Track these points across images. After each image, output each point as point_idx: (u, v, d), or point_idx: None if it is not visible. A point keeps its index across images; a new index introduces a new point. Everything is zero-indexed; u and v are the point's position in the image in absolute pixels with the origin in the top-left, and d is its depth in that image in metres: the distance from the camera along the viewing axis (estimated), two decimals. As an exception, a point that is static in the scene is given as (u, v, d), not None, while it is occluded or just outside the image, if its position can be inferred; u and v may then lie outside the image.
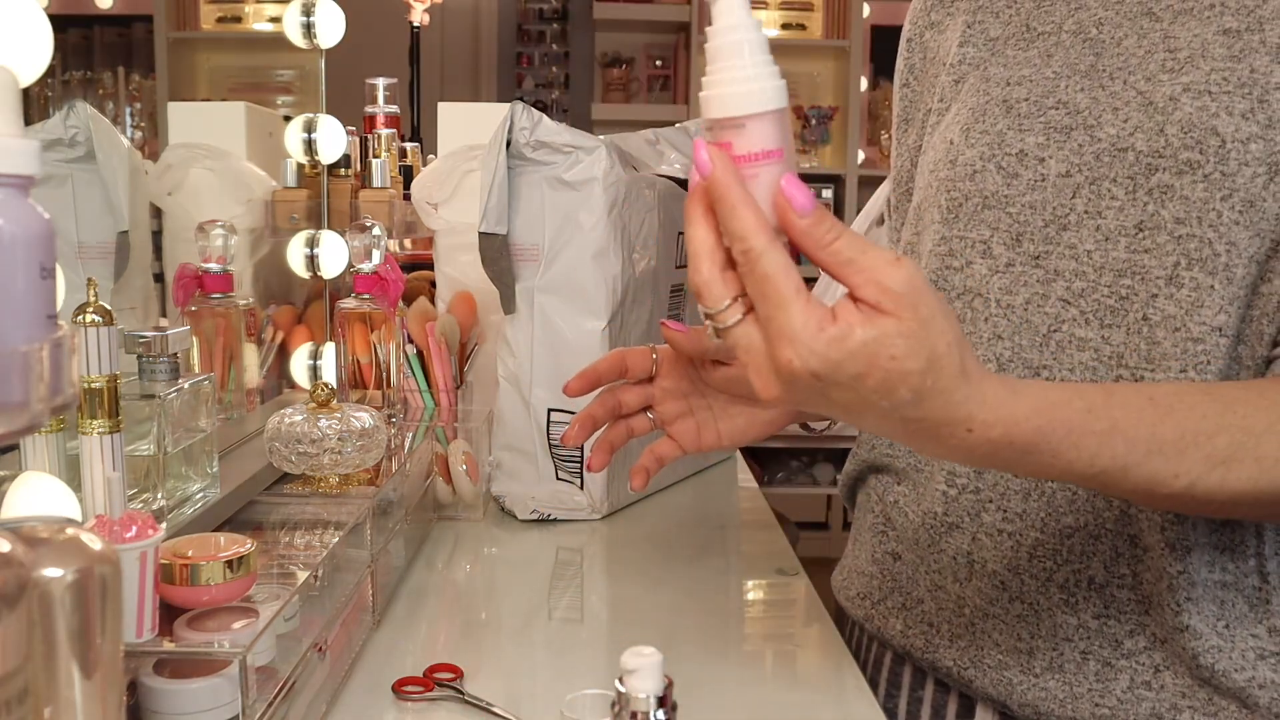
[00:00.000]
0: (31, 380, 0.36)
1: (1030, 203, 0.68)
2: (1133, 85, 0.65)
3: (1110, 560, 0.65)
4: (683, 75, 3.90)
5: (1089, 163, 0.65)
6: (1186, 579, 0.63)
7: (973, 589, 0.70)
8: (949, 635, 0.73)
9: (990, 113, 0.71)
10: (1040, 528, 0.67)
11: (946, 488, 0.71)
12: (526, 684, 0.76)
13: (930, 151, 0.77)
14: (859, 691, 0.75)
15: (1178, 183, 0.62)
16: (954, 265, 0.71)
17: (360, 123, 1.52)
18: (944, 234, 0.72)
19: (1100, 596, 0.66)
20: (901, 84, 0.85)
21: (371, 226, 1.07)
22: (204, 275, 1.01)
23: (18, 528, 0.39)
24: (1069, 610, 0.67)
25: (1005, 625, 0.69)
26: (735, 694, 0.74)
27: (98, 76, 1.13)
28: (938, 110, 0.78)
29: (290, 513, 0.83)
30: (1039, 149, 0.68)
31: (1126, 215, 0.64)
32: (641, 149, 1.17)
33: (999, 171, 0.69)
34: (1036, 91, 0.69)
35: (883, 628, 0.79)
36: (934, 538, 0.72)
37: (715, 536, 1.10)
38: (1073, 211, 0.66)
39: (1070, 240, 0.66)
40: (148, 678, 0.56)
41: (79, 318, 0.59)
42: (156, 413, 0.73)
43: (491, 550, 1.05)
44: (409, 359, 1.17)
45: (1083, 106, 0.67)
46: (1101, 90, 0.67)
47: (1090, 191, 0.65)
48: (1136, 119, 0.64)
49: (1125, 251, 0.64)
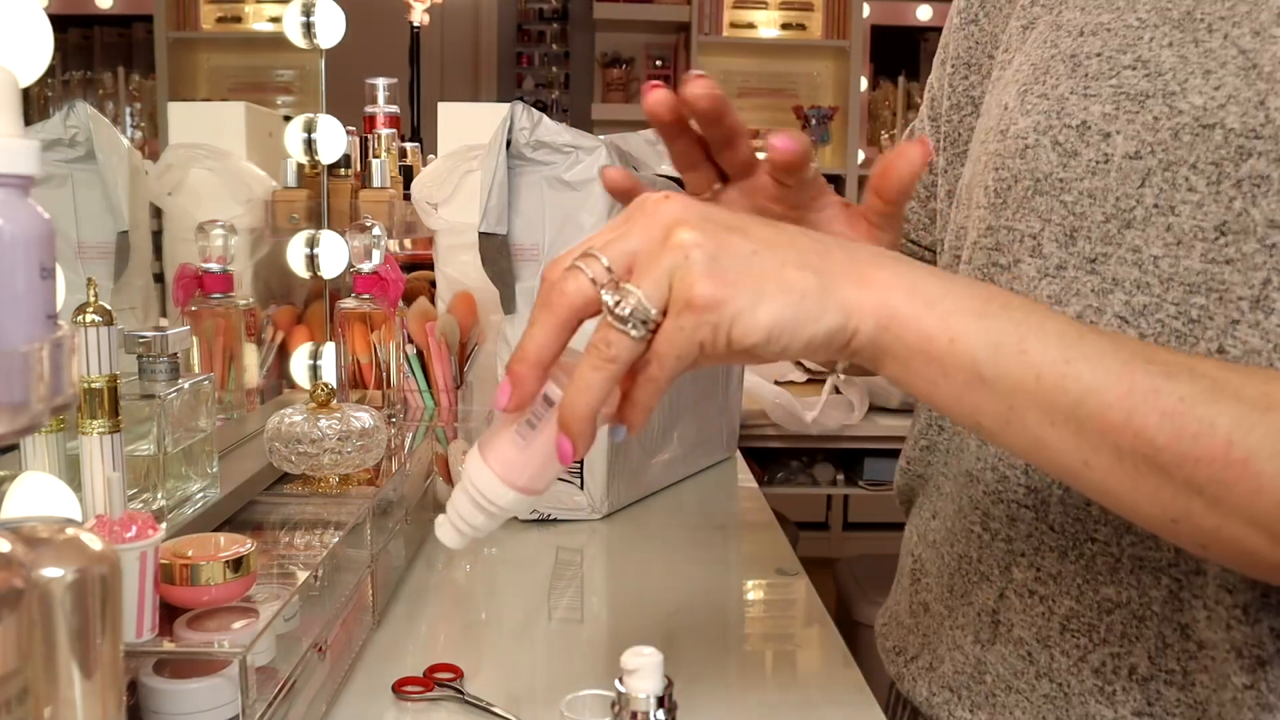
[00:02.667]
0: (31, 380, 0.36)
1: (1089, 190, 0.54)
2: (1235, 41, 0.51)
3: (1155, 650, 0.54)
4: (683, 75, 3.90)
5: (1165, 141, 0.52)
6: (1257, 697, 0.50)
7: (995, 654, 0.61)
8: (969, 704, 0.63)
9: (1054, 70, 0.57)
10: (1076, 596, 0.56)
11: (981, 531, 0.62)
12: (526, 684, 0.76)
13: (985, 117, 0.64)
14: (859, 691, 0.75)
15: (1276, 173, 0.48)
16: (1000, 263, 0.59)
17: (360, 123, 1.52)
18: (991, 223, 0.60)
19: (1143, 691, 0.55)
20: (969, 20, 0.70)
21: (371, 226, 1.07)
22: (204, 275, 1.01)
23: (18, 528, 0.39)
24: (1105, 701, 0.56)
25: (1030, 704, 0.59)
26: (735, 694, 0.74)
27: (98, 76, 1.13)
28: (1001, 63, 0.64)
29: (290, 513, 0.83)
30: (1105, 121, 0.54)
31: (1206, 213, 0.50)
32: (641, 149, 1.17)
33: (1055, 148, 0.56)
34: (1113, 45, 0.55)
35: (911, 691, 0.69)
36: (965, 586, 0.63)
37: (715, 536, 1.10)
38: (1140, 204, 0.53)
39: (1134, 241, 0.53)
40: (148, 678, 0.56)
41: (79, 318, 0.59)
42: (156, 413, 0.73)
43: (491, 550, 1.05)
44: (409, 359, 1.17)
45: (1167, 67, 0.52)
46: (1194, 47, 0.52)
47: (1163, 179, 0.52)
48: (1232, 85, 0.50)
49: (1201, 261, 0.51)
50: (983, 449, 0.62)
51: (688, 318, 0.42)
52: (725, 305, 0.41)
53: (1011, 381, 0.42)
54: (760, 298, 0.42)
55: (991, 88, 0.65)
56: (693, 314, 0.42)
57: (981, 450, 0.62)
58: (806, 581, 0.96)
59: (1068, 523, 0.57)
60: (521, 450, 0.46)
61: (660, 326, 0.43)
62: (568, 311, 0.44)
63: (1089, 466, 0.43)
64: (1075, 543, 0.57)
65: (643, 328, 0.42)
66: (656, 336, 0.43)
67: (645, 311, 0.42)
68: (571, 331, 0.45)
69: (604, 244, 0.44)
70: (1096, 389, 0.42)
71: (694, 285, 0.41)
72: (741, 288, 0.42)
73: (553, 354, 0.45)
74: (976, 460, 0.62)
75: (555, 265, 0.45)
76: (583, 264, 0.44)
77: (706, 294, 0.41)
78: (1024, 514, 0.59)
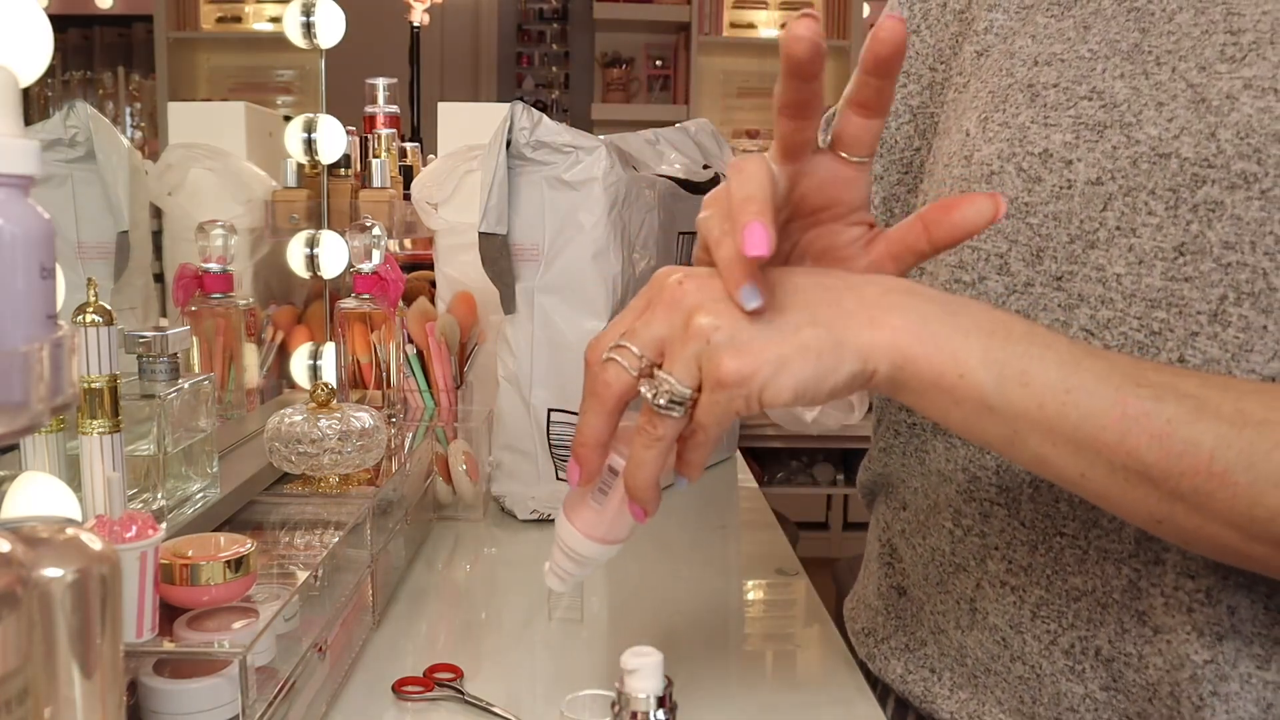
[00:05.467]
0: (31, 380, 0.36)
1: (1054, 213, 0.58)
2: (1182, 75, 0.55)
3: (1115, 635, 0.58)
4: (683, 75, 3.90)
5: (1124, 169, 0.56)
6: (1216, 670, 0.53)
7: (974, 639, 0.65)
8: (950, 685, 0.67)
9: (1012, 100, 0.61)
10: (1045, 585, 0.60)
11: (953, 527, 0.65)
12: (526, 684, 0.76)
13: (944, 139, 0.67)
14: (859, 691, 0.75)
15: (1229, 199, 0.52)
16: (965, 280, 0.62)
17: (360, 123, 1.52)
18: None
19: (1108, 670, 0.58)
20: (909, 30, 0.71)
21: (371, 226, 1.07)
22: (204, 275, 1.01)
23: (18, 528, 0.39)
24: (1075, 679, 0.60)
25: (1007, 685, 0.63)
26: (735, 694, 0.74)
27: (98, 76, 1.13)
28: (956, 85, 0.67)
29: (290, 513, 0.83)
30: (1066, 149, 0.58)
31: (1165, 235, 0.54)
32: (641, 149, 1.17)
33: (1019, 174, 0.59)
34: (1068, 76, 0.59)
35: (884, 670, 0.73)
36: (942, 576, 0.66)
37: (715, 536, 1.10)
38: (1103, 227, 0.56)
39: (1098, 260, 0.56)
40: (148, 678, 0.56)
41: (79, 318, 0.59)
42: (156, 413, 0.73)
43: (491, 550, 1.05)
44: (409, 359, 1.17)
45: (1121, 98, 0.56)
46: (1145, 79, 0.56)
47: (1124, 204, 0.55)
48: (1184, 118, 0.54)
49: (1161, 278, 0.54)
50: (951, 451, 0.65)
51: (720, 393, 0.46)
52: (752, 378, 0.46)
53: (1016, 410, 0.47)
54: (782, 364, 0.46)
55: (949, 110, 0.68)
56: (724, 390, 0.46)
57: (950, 453, 0.65)
58: (806, 581, 0.96)
59: (1038, 518, 0.61)
60: (598, 513, 0.54)
61: (698, 401, 0.48)
62: (613, 400, 0.50)
63: (1085, 478, 0.48)
64: (1045, 537, 0.60)
65: (681, 409, 0.48)
66: (696, 410, 0.48)
67: (680, 395, 0.48)
68: (619, 414, 0.51)
69: (632, 332, 0.49)
70: (1093, 415, 0.46)
71: (720, 365, 0.46)
72: (764, 358, 0.46)
73: (607, 435, 0.51)
74: (946, 461, 0.66)
75: (595, 348, 0.51)
76: (618, 356, 0.49)
77: (733, 371, 0.46)
78: (997, 511, 0.63)
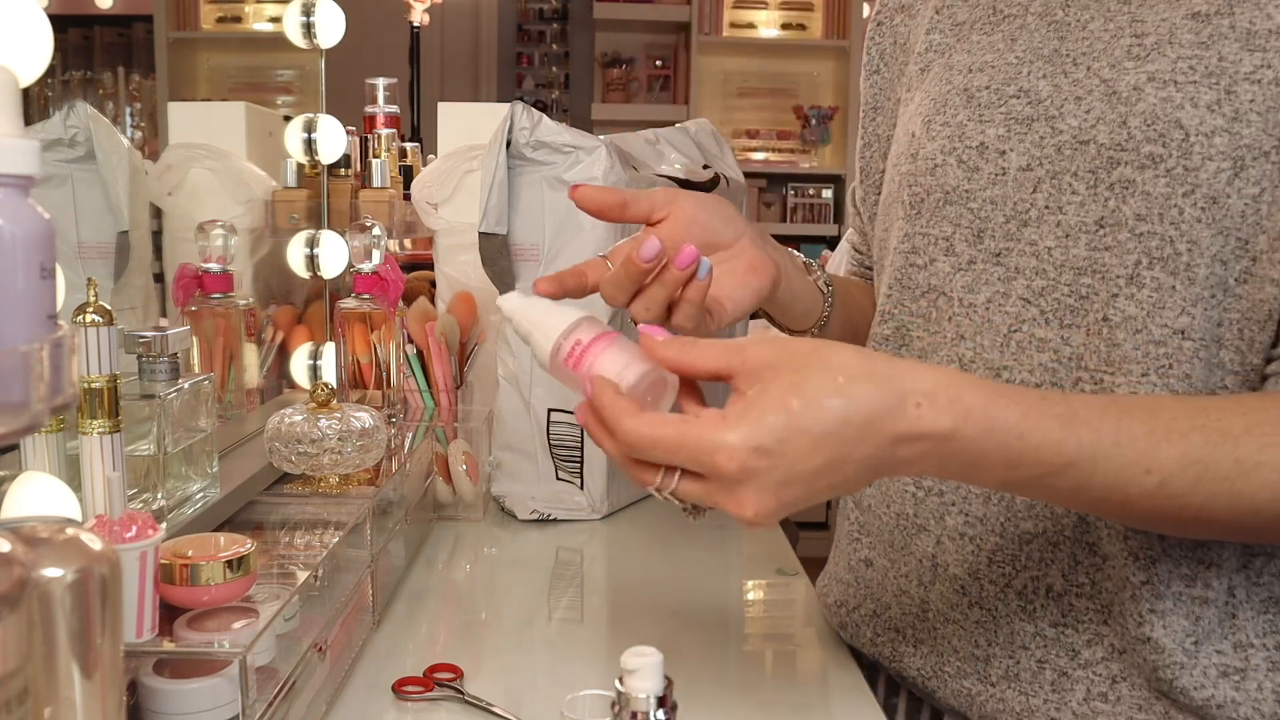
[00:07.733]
0: (31, 380, 0.36)
1: (991, 198, 0.66)
2: (1096, 73, 0.63)
3: (1069, 568, 0.64)
4: (683, 75, 3.89)
5: (1050, 156, 0.64)
6: (1151, 590, 0.61)
7: (935, 593, 0.69)
8: (913, 641, 0.72)
9: (951, 103, 0.69)
10: (1000, 533, 0.66)
11: (915, 488, 0.70)
12: (526, 684, 0.76)
13: (895, 144, 0.75)
14: (859, 691, 0.75)
15: (1139, 177, 0.60)
16: (917, 263, 0.70)
17: (360, 123, 1.52)
18: (907, 230, 0.71)
19: (1058, 605, 0.65)
20: (871, 70, 0.82)
21: (371, 226, 1.07)
22: (204, 275, 1.01)
23: (18, 528, 0.39)
24: (1026, 617, 0.65)
25: (964, 631, 0.68)
26: (735, 694, 0.74)
27: (98, 76, 1.13)
28: (905, 100, 0.76)
29: (290, 513, 0.83)
30: (999, 141, 0.66)
31: (1087, 211, 0.62)
32: (641, 149, 1.17)
33: (960, 165, 0.67)
34: (998, 79, 0.67)
35: (855, 636, 0.78)
36: (905, 539, 0.71)
37: (715, 536, 1.10)
38: (1034, 207, 0.64)
39: (1031, 236, 0.64)
40: (148, 678, 0.56)
41: (79, 318, 0.59)
42: (156, 413, 0.73)
43: (491, 550, 1.05)
44: (409, 359, 1.17)
45: (1044, 95, 0.65)
46: (1064, 78, 0.64)
47: (1051, 186, 0.63)
48: (1099, 109, 0.62)
49: (1086, 249, 0.62)
50: None
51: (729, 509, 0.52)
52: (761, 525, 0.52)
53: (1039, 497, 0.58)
54: None
55: (899, 120, 0.77)
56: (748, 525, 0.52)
57: None
58: (806, 581, 0.96)
59: None
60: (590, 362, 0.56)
61: None
62: None
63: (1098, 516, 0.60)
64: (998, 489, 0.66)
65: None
66: None
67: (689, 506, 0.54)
68: None
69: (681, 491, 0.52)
70: None
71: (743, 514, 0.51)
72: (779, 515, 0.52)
73: None
74: None
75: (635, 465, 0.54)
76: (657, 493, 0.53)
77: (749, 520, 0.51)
78: None
